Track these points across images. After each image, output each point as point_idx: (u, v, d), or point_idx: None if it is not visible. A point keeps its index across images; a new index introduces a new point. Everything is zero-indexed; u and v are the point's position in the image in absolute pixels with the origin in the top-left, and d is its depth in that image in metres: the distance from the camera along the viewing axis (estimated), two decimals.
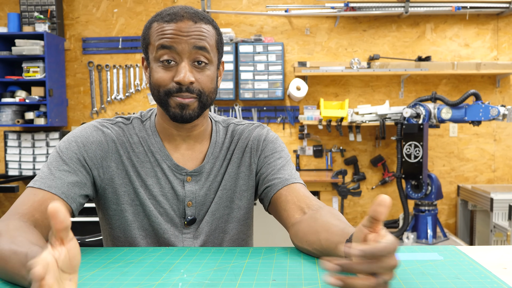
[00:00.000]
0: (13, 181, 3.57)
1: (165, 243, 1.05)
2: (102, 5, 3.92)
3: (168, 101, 0.98)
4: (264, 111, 3.88)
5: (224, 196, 1.08)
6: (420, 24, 3.83)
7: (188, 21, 0.96)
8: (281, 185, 1.03)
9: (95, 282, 0.74)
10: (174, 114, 0.99)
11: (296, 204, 1.00)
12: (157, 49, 0.96)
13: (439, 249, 0.91)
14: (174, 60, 0.96)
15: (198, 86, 0.98)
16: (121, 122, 1.07)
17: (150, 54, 1.00)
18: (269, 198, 1.06)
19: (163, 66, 0.97)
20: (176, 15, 0.96)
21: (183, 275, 0.77)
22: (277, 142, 1.13)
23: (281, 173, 1.06)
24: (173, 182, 1.05)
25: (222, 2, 3.86)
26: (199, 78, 0.98)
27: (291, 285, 0.72)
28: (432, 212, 3.23)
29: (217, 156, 1.09)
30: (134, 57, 3.93)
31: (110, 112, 3.95)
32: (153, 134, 1.06)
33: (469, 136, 3.89)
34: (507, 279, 0.74)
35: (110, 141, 1.03)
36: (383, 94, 3.88)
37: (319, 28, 3.86)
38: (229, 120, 1.16)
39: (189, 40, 0.95)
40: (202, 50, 0.97)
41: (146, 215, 1.04)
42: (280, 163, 1.08)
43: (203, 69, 0.98)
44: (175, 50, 0.95)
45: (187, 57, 0.96)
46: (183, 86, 0.96)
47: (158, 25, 0.97)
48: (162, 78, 0.97)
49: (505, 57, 3.83)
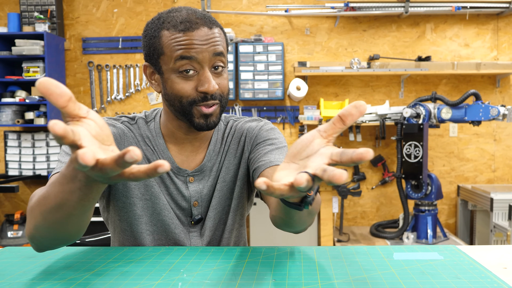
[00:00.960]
0: (13, 181, 3.57)
1: (173, 238, 1.06)
2: (102, 5, 3.91)
3: (192, 111, 0.98)
4: (264, 111, 3.88)
5: (224, 188, 1.09)
6: (420, 24, 3.83)
7: (203, 27, 0.94)
8: (265, 167, 0.98)
9: (95, 282, 0.74)
10: (199, 124, 0.98)
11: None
12: (176, 60, 0.94)
13: (439, 249, 0.91)
14: (194, 69, 0.95)
15: (219, 91, 0.98)
16: (127, 122, 1.08)
17: (165, 64, 0.97)
18: None
19: (183, 76, 0.95)
20: (190, 22, 0.94)
21: (183, 274, 0.77)
22: (272, 132, 1.10)
23: (267, 156, 1.01)
24: (177, 184, 1.06)
25: (222, 2, 3.86)
26: (220, 83, 0.98)
27: (291, 285, 0.72)
28: (432, 212, 3.23)
29: (218, 152, 1.10)
30: (134, 57, 3.93)
31: (110, 112, 3.95)
32: (157, 135, 1.07)
33: (469, 136, 3.89)
34: (507, 279, 0.74)
35: (122, 134, 1.04)
36: (383, 94, 3.88)
37: (319, 28, 3.85)
38: (229, 117, 1.17)
39: (209, 48, 0.94)
40: (220, 56, 0.97)
41: (156, 210, 1.05)
42: (269, 148, 1.04)
43: (221, 73, 0.99)
44: (195, 60, 0.94)
45: (208, 65, 0.96)
46: (209, 95, 0.96)
47: (171, 34, 0.94)
48: (184, 89, 0.96)
49: (505, 57, 3.83)
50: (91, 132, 0.56)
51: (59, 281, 0.74)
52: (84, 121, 0.57)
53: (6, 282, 0.75)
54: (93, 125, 0.57)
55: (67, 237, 0.77)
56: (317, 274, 0.76)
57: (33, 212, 0.75)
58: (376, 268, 0.79)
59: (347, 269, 0.79)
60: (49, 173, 3.69)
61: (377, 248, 0.92)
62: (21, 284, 0.73)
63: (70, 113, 0.55)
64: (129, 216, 1.05)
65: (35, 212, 0.74)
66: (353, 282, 0.72)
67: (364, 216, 3.95)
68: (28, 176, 3.68)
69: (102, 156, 0.54)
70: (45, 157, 3.71)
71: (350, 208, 3.95)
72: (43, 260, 0.87)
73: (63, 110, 0.54)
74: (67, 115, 0.55)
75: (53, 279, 0.75)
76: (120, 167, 0.51)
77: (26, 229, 0.79)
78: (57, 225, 0.72)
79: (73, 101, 0.55)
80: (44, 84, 0.52)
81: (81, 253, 0.92)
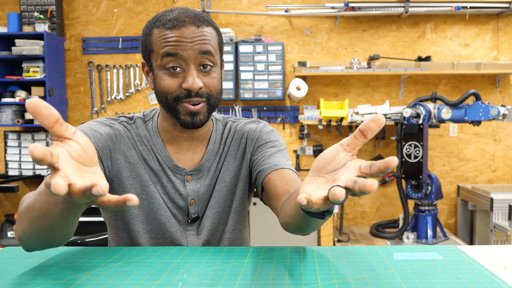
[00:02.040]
0: (13, 181, 3.57)
1: (169, 237, 1.06)
2: (102, 5, 3.91)
3: (177, 107, 0.99)
4: (264, 111, 3.88)
5: (224, 189, 1.10)
6: (420, 24, 3.83)
7: (191, 26, 0.96)
8: (270, 170, 1.01)
9: (95, 282, 0.74)
10: (184, 121, 0.99)
11: (284, 188, 0.97)
12: (162, 57, 0.96)
13: (439, 249, 0.91)
14: (180, 67, 0.96)
15: (206, 89, 0.99)
16: (125, 122, 1.08)
17: (154, 61, 0.99)
18: (260, 184, 1.05)
19: (169, 73, 0.97)
20: (178, 20, 0.95)
21: (183, 274, 0.77)
22: (272, 134, 1.12)
23: (271, 159, 1.04)
24: (175, 182, 1.06)
25: (222, 2, 3.86)
26: (207, 82, 0.98)
27: (291, 285, 0.72)
28: (432, 212, 3.23)
29: (216, 152, 1.11)
30: (134, 57, 3.92)
31: (110, 112, 3.95)
32: (155, 134, 1.07)
33: (469, 136, 3.89)
34: (507, 279, 0.74)
35: (118, 134, 1.04)
36: (383, 94, 3.88)
37: (319, 28, 3.85)
38: (228, 118, 1.17)
39: (194, 46, 0.95)
40: (207, 55, 0.97)
41: (152, 209, 1.05)
42: (272, 151, 1.07)
43: (209, 72, 0.99)
44: (181, 57, 0.95)
45: (193, 62, 0.96)
46: (193, 92, 0.96)
47: (159, 32, 0.96)
48: (169, 85, 0.97)
49: (505, 57, 3.83)
50: (72, 154, 0.58)
51: (59, 281, 0.74)
52: (68, 142, 0.59)
53: (6, 282, 0.75)
54: (76, 147, 0.59)
55: (53, 243, 0.81)
56: (317, 274, 0.76)
57: (21, 217, 0.79)
58: (376, 268, 0.79)
59: (347, 269, 0.78)
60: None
61: (377, 248, 0.92)
62: (21, 284, 0.73)
63: (56, 133, 0.57)
64: (125, 216, 1.06)
65: (22, 218, 0.78)
66: (353, 282, 0.72)
67: (364, 216, 3.95)
68: (28, 176, 3.68)
69: (77, 180, 0.55)
70: None
71: (350, 208, 3.95)
72: (43, 260, 0.87)
73: (49, 130, 0.57)
74: (53, 134, 0.57)
75: (53, 279, 0.75)
76: (86, 198, 0.53)
77: (15, 231, 0.82)
78: (42, 232, 0.76)
79: (59, 123, 0.57)
80: (33, 105, 0.54)
81: (81, 253, 0.92)
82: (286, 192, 0.95)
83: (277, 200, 0.96)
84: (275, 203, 0.97)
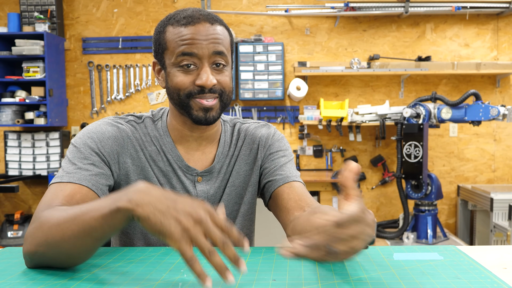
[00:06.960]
0: (13, 181, 3.57)
1: None
2: (102, 5, 3.92)
3: (189, 103, 0.99)
4: (264, 111, 3.88)
5: (233, 193, 1.10)
6: (420, 24, 3.83)
7: (205, 23, 0.97)
8: (283, 182, 1.05)
9: (95, 282, 0.74)
10: (197, 117, 0.99)
11: (297, 202, 1.01)
12: (177, 55, 0.97)
13: (439, 249, 0.91)
14: (194, 64, 0.97)
15: (220, 86, 0.99)
16: (133, 121, 1.07)
17: (168, 59, 1.00)
18: (270, 193, 1.07)
19: (183, 70, 0.98)
20: (193, 17, 0.97)
21: (183, 274, 0.77)
22: (283, 141, 1.15)
23: (283, 170, 1.08)
24: (185, 183, 1.06)
25: (222, 2, 3.86)
26: (220, 79, 1.00)
27: (291, 285, 0.72)
28: (432, 212, 3.23)
29: (226, 154, 1.11)
30: (134, 57, 3.93)
31: (110, 112, 3.95)
32: (165, 134, 1.06)
33: (469, 136, 3.89)
34: (507, 279, 0.74)
35: (125, 136, 1.03)
36: (383, 94, 3.88)
37: (319, 28, 3.86)
38: (235, 119, 1.17)
39: (209, 45, 0.96)
40: (221, 55, 0.98)
41: None
42: (284, 160, 1.10)
43: (222, 71, 1.00)
44: (196, 56, 0.96)
45: (207, 60, 0.97)
46: (206, 88, 0.97)
47: (174, 29, 0.97)
48: (182, 81, 0.98)
49: (505, 57, 3.83)
50: None
51: (59, 281, 0.74)
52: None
53: (6, 282, 0.75)
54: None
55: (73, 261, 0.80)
56: (317, 274, 0.76)
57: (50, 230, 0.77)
58: (376, 268, 0.79)
59: (347, 269, 0.79)
60: (49, 173, 3.69)
61: (377, 248, 0.92)
62: (21, 284, 0.73)
63: None
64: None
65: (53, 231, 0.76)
66: (353, 282, 0.72)
67: None
68: (28, 176, 3.68)
69: None
70: (45, 157, 3.71)
71: None
72: None
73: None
74: None
75: (53, 279, 0.75)
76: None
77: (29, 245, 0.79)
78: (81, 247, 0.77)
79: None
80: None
81: None
82: (299, 207, 0.99)
83: (287, 214, 1.00)
84: (285, 216, 1.01)
